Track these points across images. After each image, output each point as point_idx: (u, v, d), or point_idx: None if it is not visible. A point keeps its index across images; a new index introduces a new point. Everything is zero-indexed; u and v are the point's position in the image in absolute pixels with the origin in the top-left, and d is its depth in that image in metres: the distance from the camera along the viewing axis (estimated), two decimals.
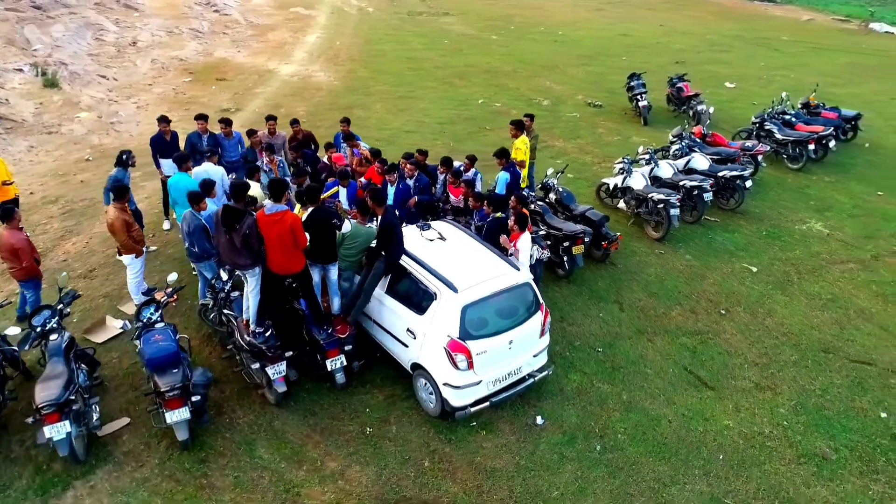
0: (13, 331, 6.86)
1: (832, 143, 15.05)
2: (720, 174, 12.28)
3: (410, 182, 9.43)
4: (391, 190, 9.37)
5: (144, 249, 8.49)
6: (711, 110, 17.51)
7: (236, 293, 7.37)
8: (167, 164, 10.34)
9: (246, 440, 6.68)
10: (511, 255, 7.78)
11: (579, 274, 9.90)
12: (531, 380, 7.21)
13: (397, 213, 8.82)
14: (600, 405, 7.43)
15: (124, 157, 9.09)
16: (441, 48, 26.43)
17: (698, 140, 13.87)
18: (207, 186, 8.09)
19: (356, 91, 19.61)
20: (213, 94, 18.78)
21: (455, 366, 6.52)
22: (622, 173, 11.86)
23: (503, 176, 9.38)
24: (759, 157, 13.70)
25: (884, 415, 7.51)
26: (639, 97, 17.87)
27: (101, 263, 9.66)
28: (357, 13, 34.83)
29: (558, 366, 7.86)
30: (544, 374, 7.36)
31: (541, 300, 7.25)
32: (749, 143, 14.06)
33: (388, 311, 7.27)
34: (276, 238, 6.56)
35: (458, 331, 6.54)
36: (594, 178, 13.57)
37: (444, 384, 6.65)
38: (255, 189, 8.87)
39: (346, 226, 7.35)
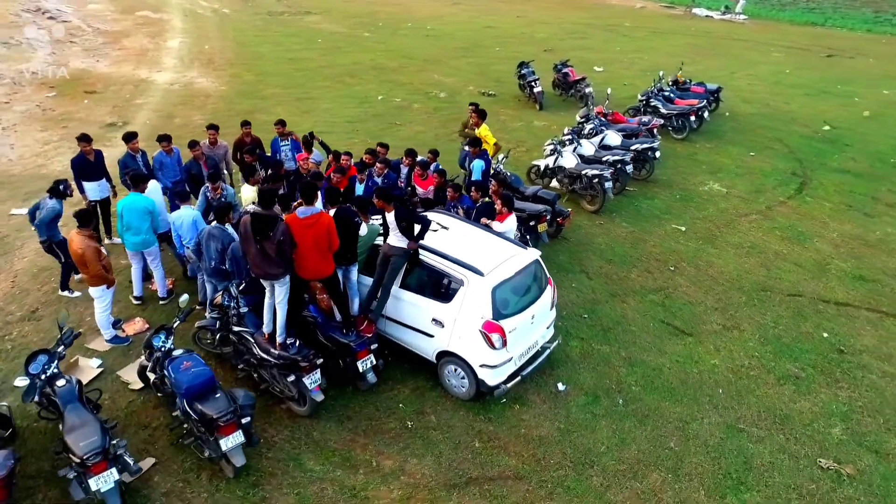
0: (21, 382, 6.00)
1: (706, 115, 17.07)
2: (633, 147, 13.49)
3: (379, 180, 9.40)
4: (360, 189, 9.30)
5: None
6: (603, 91, 19.03)
7: (245, 309, 6.98)
8: (92, 188, 9.43)
9: (290, 456, 6.42)
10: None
11: (541, 250, 10.45)
12: (547, 351, 7.62)
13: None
14: (606, 365, 8.02)
15: (61, 187, 8.15)
16: (318, 47, 25.95)
17: (601, 119, 15.06)
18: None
19: (249, 95, 18.76)
20: (88, 108, 17.03)
21: (492, 345, 6.75)
22: (553, 154, 12.63)
23: (478, 163, 9.67)
24: (654, 131, 15.21)
25: (825, 335, 8.87)
26: (533, 84, 18.91)
27: (43, 302, 8.58)
28: (213, 15, 33.05)
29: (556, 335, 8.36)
30: (555, 343, 7.80)
31: (548, 275, 7.67)
32: (645, 119, 15.52)
33: (407, 305, 7.29)
34: (311, 242, 6.32)
35: (492, 312, 6.76)
36: (514, 162, 14.25)
37: (481, 365, 6.85)
38: (247, 192, 8.50)
39: (363, 228, 7.27)
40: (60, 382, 5.79)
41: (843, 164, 15.66)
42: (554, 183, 12.84)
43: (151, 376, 6.45)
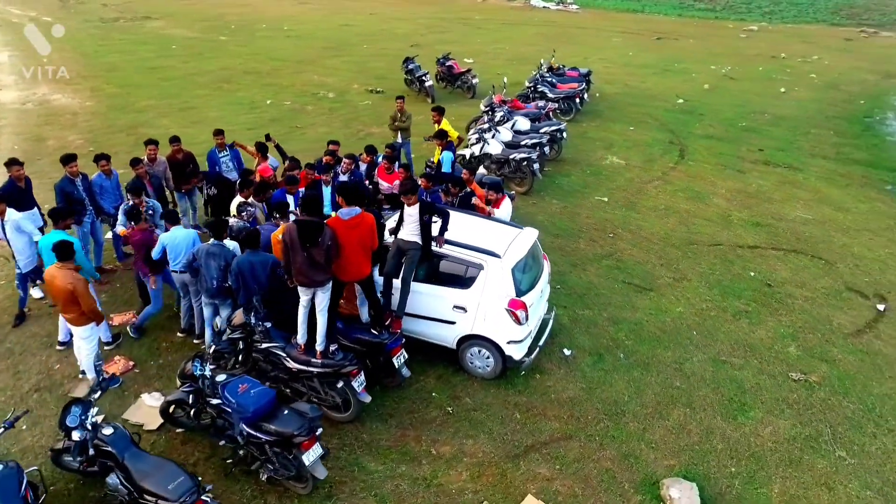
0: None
1: (586, 96, 18.65)
2: (542, 130, 14.46)
3: (345, 177, 9.31)
4: (327, 191, 9.15)
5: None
6: (487, 82, 19.96)
7: (262, 325, 6.67)
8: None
9: (350, 462, 6.33)
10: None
11: None
12: (550, 322, 8.16)
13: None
14: (595, 326, 8.75)
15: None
16: (176, 54, 24.26)
17: (515, 110, 15.89)
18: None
19: (124, 109, 17.20)
20: None
21: (518, 321, 7.13)
22: (479, 142, 13.19)
23: (447, 155, 9.90)
24: (550, 115, 16.37)
25: (752, 274, 10.35)
26: (423, 78, 19.34)
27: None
28: (32, 24, 29.34)
29: None
30: (552, 314, 8.37)
31: (542, 251, 8.20)
32: (541, 104, 16.63)
33: (424, 297, 7.39)
34: (356, 243, 6.20)
35: (514, 290, 7.14)
36: (429, 154, 14.64)
37: (509, 342, 7.20)
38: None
39: None
40: (108, 431, 5.23)
41: (704, 130, 17.95)
42: (481, 169, 13.40)
43: (176, 410, 5.99)
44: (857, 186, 14.56)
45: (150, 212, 8.53)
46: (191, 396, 5.89)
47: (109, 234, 9.27)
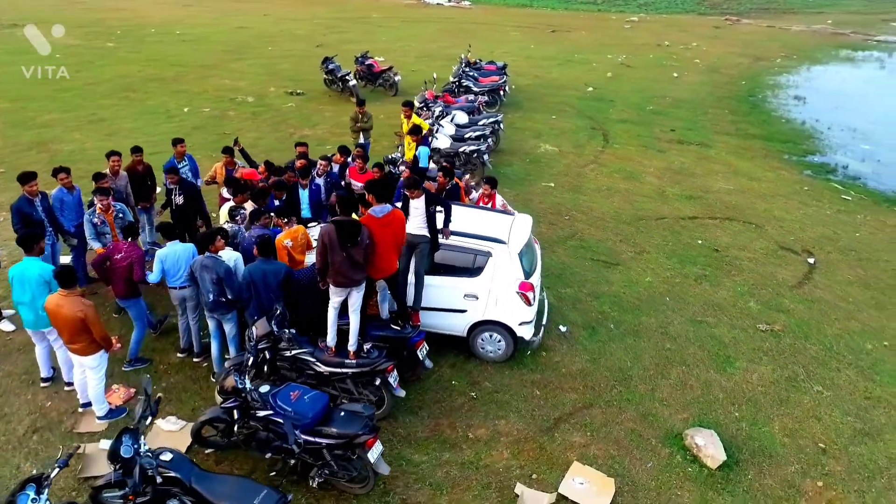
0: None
1: (507, 88, 19.30)
2: (482, 123, 14.88)
3: (321, 181, 9.18)
4: (304, 194, 8.98)
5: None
6: (399, 78, 20.11)
7: (289, 332, 6.52)
8: None
9: (395, 457, 6.33)
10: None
11: None
12: (546, 301, 8.54)
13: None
14: (579, 302, 9.25)
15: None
16: (65, 63, 22.24)
17: (441, 103, 16.16)
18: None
19: (24, 125, 15.68)
20: None
21: (528, 303, 7.44)
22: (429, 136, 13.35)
23: (423, 150, 9.98)
24: (481, 107, 16.84)
25: (700, 241, 11.32)
26: (347, 77, 19.15)
27: None
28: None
29: None
30: (544, 293, 8.76)
31: (533, 235, 8.56)
32: (471, 97, 17.05)
33: (435, 289, 7.49)
34: (391, 239, 6.18)
35: (523, 273, 7.45)
36: (373, 154, 14.64)
37: (521, 323, 7.50)
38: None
39: None
40: (167, 456, 4.95)
41: (619, 115, 19.19)
42: (431, 164, 13.57)
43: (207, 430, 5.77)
44: (760, 158, 16.22)
45: (121, 215, 8.03)
46: (235, 412, 5.67)
47: (68, 258, 8.55)
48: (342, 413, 5.61)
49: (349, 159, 9.98)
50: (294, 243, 7.40)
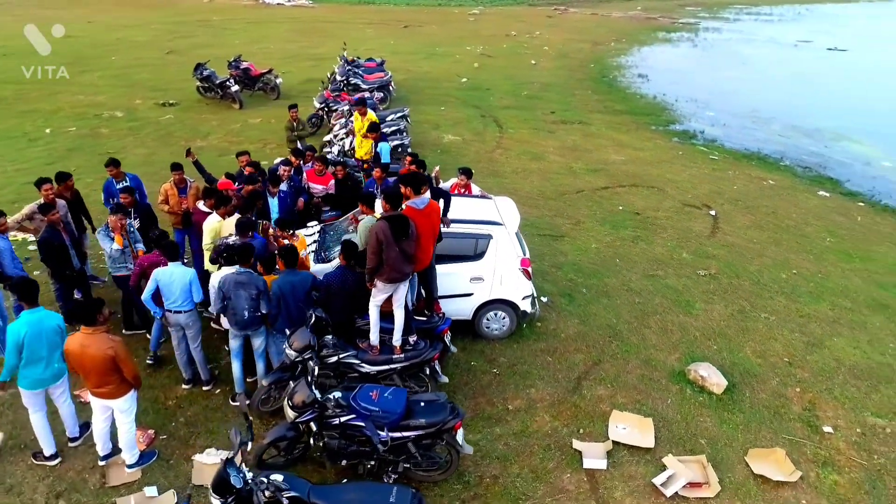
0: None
1: (279, 80, 19.25)
2: (390, 118, 15.03)
3: (285, 186, 8.88)
4: (273, 202, 8.66)
5: None
6: (280, 81, 19.53)
7: (333, 339, 6.39)
8: None
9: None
10: None
11: None
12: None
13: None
14: (548, 274, 9.87)
15: None
16: None
17: (341, 102, 16.01)
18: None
19: None
20: None
21: (529, 277, 7.94)
22: (349, 136, 13.26)
23: (385, 146, 9.90)
24: (378, 104, 16.95)
25: (621, 207, 12.53)
26: (227, 84, 18.16)
27: None
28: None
29: None
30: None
31: None
32: (368, 94, 17.06)
33: (441, 277, 7.64)
34: (430, 231, 6.22)
35: (521, 251, 7.91)
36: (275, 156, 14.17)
37: (523, 298, 7.97)
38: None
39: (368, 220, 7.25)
40: (278, 477, 4.71)
41: (500, 102, 20.27)
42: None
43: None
44: (634, 130, 18.12)
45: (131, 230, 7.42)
46: (313, 424, 5.49)
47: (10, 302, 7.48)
48: (422, 403, 5.69)
49: (304, 164, 9.73)
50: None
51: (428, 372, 6.60)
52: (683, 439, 6.72)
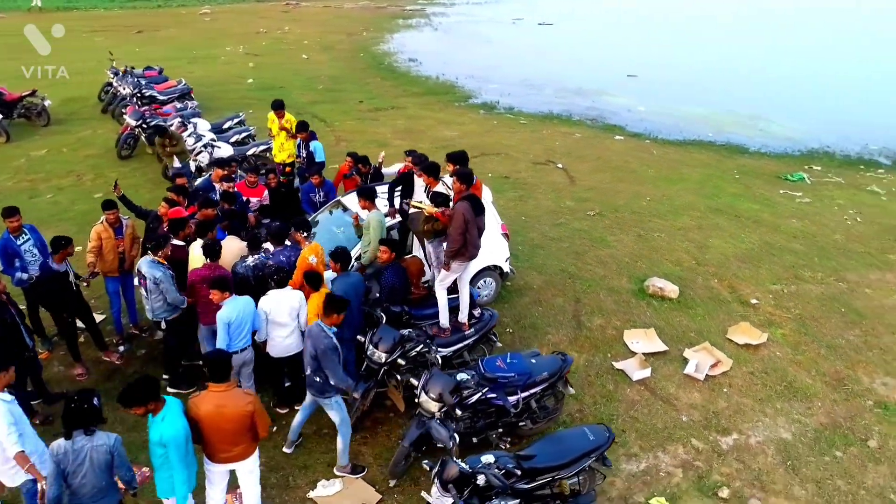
0: None
1: (47, 102, 17.13)
2: (226, 125, 14.08)
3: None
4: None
5: None
6: (49, 103, 16.54)
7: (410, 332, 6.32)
8: None
9: None
10: None
11: None
12: None
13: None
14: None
15: None
16: None
17: (159, 117, 14.26)
18: None
19: None
20: None
21: (507, 239, 8.66)
22: (205, 149, 12.07)
23: (317, 144, 9.41)
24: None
25: (490, 174, 13.73)
26: None
27: None
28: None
29: None
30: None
31: None
32: (179, 105, 15.47)
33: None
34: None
35: (499, 217, 8.55)
36: (91, 188, 12.35)
37: (506, 259, 8.66)
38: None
39: (374, 215, 7.22)
40: (488, 457, 4.76)
41: (307, 99, 19.83)
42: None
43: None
44: (445, 109, 19.48)
45: None
46: (458, 410, 5.52)
47: None
48: (532, 360, 6.10)
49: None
50: (318, 259, 6.81)
51: (493, 339, 6.94)
52: (679, 337, 8.19)
